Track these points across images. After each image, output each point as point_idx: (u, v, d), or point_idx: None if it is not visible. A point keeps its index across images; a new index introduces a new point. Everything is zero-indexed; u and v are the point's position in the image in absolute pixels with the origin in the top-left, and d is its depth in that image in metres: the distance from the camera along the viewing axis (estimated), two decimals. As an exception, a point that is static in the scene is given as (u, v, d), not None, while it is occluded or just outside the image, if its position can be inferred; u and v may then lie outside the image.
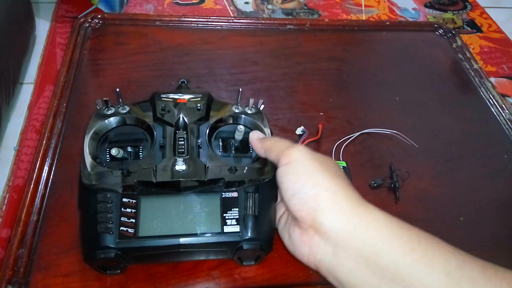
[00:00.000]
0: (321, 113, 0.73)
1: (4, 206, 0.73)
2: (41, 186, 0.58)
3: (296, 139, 0.68)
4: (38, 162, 0.60)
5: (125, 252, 0.46)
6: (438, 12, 1.22)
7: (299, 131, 0.68)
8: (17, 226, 0.54)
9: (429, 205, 0.62)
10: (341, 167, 0.63)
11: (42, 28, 1.02)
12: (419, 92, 0.79)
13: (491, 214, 0.63)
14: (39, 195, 0.57)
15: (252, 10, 1.13)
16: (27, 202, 0.56)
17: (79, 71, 0.73)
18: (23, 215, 0.55)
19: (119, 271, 0.50)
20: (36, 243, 0.53)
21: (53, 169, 0.60)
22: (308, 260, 0.43)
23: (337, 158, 0.65)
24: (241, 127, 0.53)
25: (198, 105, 0.54)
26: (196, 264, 0.53)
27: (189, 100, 0.55)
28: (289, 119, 0.71)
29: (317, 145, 0.67)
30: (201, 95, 0.56)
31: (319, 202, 0.41)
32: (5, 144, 0.82)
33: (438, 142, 0.71)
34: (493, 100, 0.79)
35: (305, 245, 0.43)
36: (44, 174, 0.59)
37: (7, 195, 0.74)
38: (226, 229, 0.48)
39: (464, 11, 1.24)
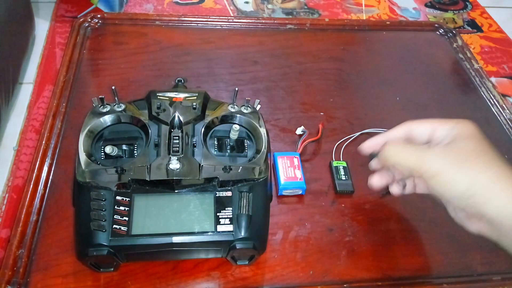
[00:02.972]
0: (321, 113, 0.72)
1: (4, 206, 0.73)
2: (40, 186, 0.58)
3: (296, 139, 0.68)
4: (38, 162, 0.60)
5: (118, 250, 0.46)
6: (438, 11, 1.22)
7: (299, 131, 0.68)
8: (17, 226, 0.54)
9: (429, 205, 0.62)
10: (341, 167, 0.63)
11: (42, 27, 1.01)
12: (419, 92, 0.79)
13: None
14: (38, 195, 0.57)
15: (252, 9, 1.12)
16: (26, 202, 0.56)
17: (78, 71, 0.73)
18: (23, 215, 0.55)
19: (112, 268, 0.50)
20: (36, 243, 0.53)
21: (53, 169, 0.60)
22: (479, 233, 0.46)
23: (338, 158, 0.65)
24: (236, 127, 0.52)
25: (194, 104, 0.54)
26: (196, 264, 0.53)
27: (184, 98, 0.55)
28: (289, 119, 0.70)
29: (317, 145, 0.67)
30: (197, 94, 0.56)
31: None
32: (4, 144, 0.81)
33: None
34: (494, 100, 0.79)
35: (473, 224, 0.46)
36: (44, 174, 0.59)
37: (7, 195, 0.74)
38: (220, 228, 0.47)
39: (464, 10, 1.24)
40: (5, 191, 0.74)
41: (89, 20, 0.82)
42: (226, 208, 0.49)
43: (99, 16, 0.83)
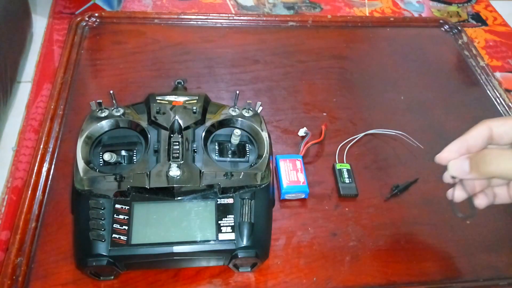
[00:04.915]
0: (324, 114, 0.71)
1: (3, 208, 0.72)
2: (39, 192, 0.57)
3: (298, 140, 0.66)
4: (36, 167, 0.59)
5: (117, 260, 0.46)
6: (442, 5, 1.20)
7: (301, 132, 0.67)
8: (15, 233, 0.53)
9: (434, 208, 0.61)
10: (345, 169, 0.62)
11: (39, 25, 1.00)
12: (424, 91, 0.77)
13: (497, 216, 0.61)
14: (37, 201, 0.56)
15: (253, 4, 1.11)
16: (25, 209, 0.55)
17: (76, 72, 0.72)
18: (21, 222, 0.54)
19: (112, 277, 0.49)
20: (35, 251, 0.52)
21: (51, 174, 0.59)
22: None
23: (341, 160, 0.64)
24: (237, 131, 0.51)
25: (194, 107, 0.53)
26: (198, 271, 0.52)
27: (185, 102, 0.54)
28: (291, 120, 0.69)
29: (320, 147, 0.66)
30: (197, 97, 0.55)
31: None
32: (3, 145, 0.81)
33: (444, 142, 0.68)
34: (500, 98, 0.77)
35: None
36: (42, 180, 0.58)
37: (6, 196, 0.74)
38: (221, 236, 0.47)
39: (469, 3, 1.22)
40: (4, 193, 0.74)
41: (87, 19, 0.80)
42: (227, 216, 0.48)
43: (96, 15, 0.81)
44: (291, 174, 0.60)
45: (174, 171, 0.47)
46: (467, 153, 0.45)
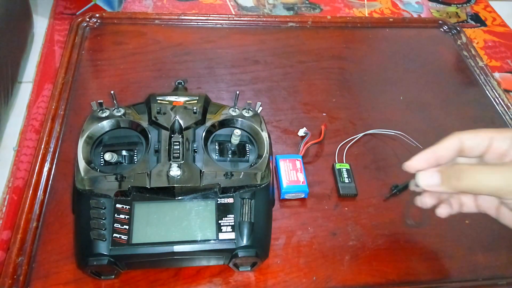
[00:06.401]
0: (323, 114, 0.71)
1: (4, 208, 0.72)
2: (40, 192, 0.57)
3: (298, 140, 0.67)
4: (37, 167, 0.59)
5: (118, 259, 0.46)
6: (441, 5, 1.21)
7: (301, 132, 0.67)
8: (16, 233, 0.53)
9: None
10: (345, 169, 0.62)
11: (40, 25, 1.01)
12: (423, 91, 0.78)
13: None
14: (38, 201, 0.56)
15: (253, 5, 1.11)
16: (26, 209, 0.55)
17: (77, 72, 0.72)
18: (22, 222, 0.54)
19: (113, 276, 0.50)
20: (36, 250, 0.52)
21: (52, 173, 0.59)
22: None
23: (341, 160, 0.64)
24: (237, 131, 0.52)
25: (194, 108, 0.53)
26: (198, 270, 0.52)
27: (185, 102, 0.54)
28: (291, 120, 0.70)
29: (319, 147, 0.66)
30: (197, 98, 0.55)
31: None
32: (4, 145, 0.81)
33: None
34: (499, 99, 0.77)
35: None
36: (43, 179, 0.58)
37: (7, 196, 0.74)
38: (222, 236, 0.47)
39: (468, 4, 1.22)
40: (5, 192, 0.74)
41: (88, 19, 0.81)
42: (228, 215, 0.48)
43: (97, 15, 0.82)
44: (291, 174, 0.60)
45: (175, 171, 0.47)
46: (435, 164, 0.45)
